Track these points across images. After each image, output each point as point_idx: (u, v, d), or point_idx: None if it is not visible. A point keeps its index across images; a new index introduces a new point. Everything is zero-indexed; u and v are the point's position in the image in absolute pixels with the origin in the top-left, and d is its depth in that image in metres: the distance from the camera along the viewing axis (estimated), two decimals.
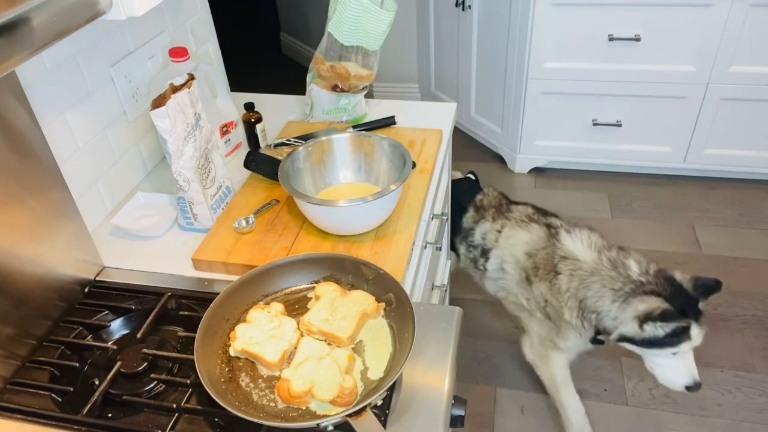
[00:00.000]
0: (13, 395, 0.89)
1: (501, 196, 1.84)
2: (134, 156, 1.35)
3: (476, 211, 1.81)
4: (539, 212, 1.73)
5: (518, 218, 1.70)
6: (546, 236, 1.61)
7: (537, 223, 1.66)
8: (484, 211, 1.79)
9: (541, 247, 1.60)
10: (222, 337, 0.92)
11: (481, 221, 1.78)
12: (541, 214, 1.71)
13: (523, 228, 1.67)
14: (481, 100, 2.95)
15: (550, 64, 2.53)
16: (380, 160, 1.21)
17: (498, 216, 1.75)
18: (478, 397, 1.91)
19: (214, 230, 1.16)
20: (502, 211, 1.76)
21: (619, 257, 1.50)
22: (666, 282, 1.42)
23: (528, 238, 1.64)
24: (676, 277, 1.44)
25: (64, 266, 1.02)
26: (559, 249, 1.55)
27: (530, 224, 1.67)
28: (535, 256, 1.60)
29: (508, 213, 1.74)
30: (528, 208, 1.75)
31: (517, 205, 1.78)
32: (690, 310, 1.38)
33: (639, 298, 1.40)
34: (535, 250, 1.61)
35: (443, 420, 0.83)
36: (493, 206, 1.79)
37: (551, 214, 1.74)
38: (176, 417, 0.84)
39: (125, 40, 1.27)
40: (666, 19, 2.33)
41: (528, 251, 1.62)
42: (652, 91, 2.51)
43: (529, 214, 1.71)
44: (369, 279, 0.98)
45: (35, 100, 1.04)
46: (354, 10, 1.33)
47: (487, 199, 1.83)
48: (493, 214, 1.76)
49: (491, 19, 2.64)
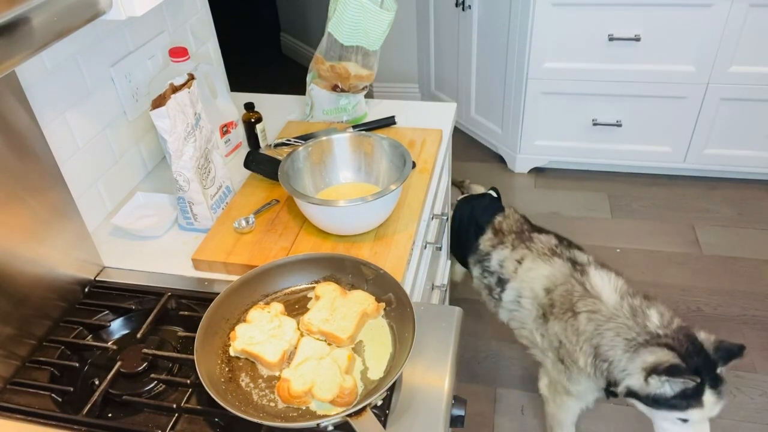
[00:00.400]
0: (13, 395, 0.89)
1: (523, 221, 1.72)
2: (134, 156, 1.35)
3: (495, 235, 1.70)
4: (563, 244, 1.61)
5: (540, 250, 1.59)
6: (568, 272, 1.49)
7: (560, 258, 1.54)
8: (503, 236, 1.67)
9: (560, 283, 1.49)
10: (222, 337, 0.92)
11: (499, 247, 1.66)
12: (564, 247, 1.60)
13: (545, 261, 1.56)
14: (481, 100, 2.95)
15: (550, 64, 2.53)
16: (380, 160, 1.21)
17: (519, 244, 1.63)
18: (478, 397, 1.91)
19: (214, 230, 1.16)
20: (523, 239, 1.64)
21: (642, 306, 1.38)
22: (685, 339, 1.28)
23: (549, 273, 1.53)
24: (698, 336, 1.30)
25: (64, 266, 1.02)
26: (586, 284, 1.44)
27: (553, 258, 1.55)
28: (553, 292, 1.50)
29: (530, 242, 1.62)
30: (552, 239, 1.63)
31: (540, 233, 1.66)
32: (706, 373, 1.23)
33: (650, 349, 1.29)
34: (554, 285, 1.50)
35: (443, 420, 0.83)
36: (513, 232, 1.67)
37: (575, 246, 1.62)
38: (176, 417, 0.84)
39: (125, 40, 1.27)
40: (666, 19, 2.33)
41: (547, 287, 1.51)
42: (652, 91, 2.51)
43: (552, 246, 1.59)
44: (369, 279, 0.98)
45: (35, 100, 1.04)
46: (354, 10, 1.33)
47: (508, 222, 1.71)
48: (513, 241, 1.65)
49: (491, 19, 2.64)
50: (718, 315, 2.12)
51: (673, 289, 2.23)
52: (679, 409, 1.24)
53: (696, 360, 1.24)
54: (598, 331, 1.37)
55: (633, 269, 2.32)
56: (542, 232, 1.67)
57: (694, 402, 1.23)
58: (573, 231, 2.50)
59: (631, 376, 1.29)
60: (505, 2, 2.50)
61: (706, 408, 1.24)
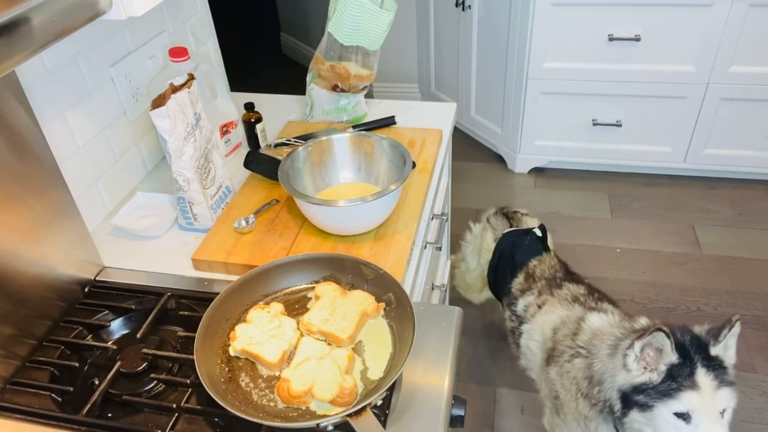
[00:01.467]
0: (13, 395, 0.89)
1: (558, 267, 1.63)
2: (134, 156, 1.35)
3: (526, 279, 1.62)
4: (592, 295, 1.50)
5: (564, 296, 1.50)
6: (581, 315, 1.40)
7: (582, 306, 1.45)
8: (534, 281, 1.59)
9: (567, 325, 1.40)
10: (222, 337, 0.92)
11: (527, 292, 1.58)
12: (592, 297, 1.49)
13: (563, 306, 1.47)
14: (481, 100, 2.95)
15: (550, 64, 2.53)
16: (380, 160, 1.21)
17: (545, 290, 1.55)
18: (478, 397, 1.91)
19: (214, 230, 1.16)
20: (552, 285, 1.55)
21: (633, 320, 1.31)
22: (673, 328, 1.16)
23: (563, 316, 1.44)
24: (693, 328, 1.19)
25: (64, 266, 1.02)
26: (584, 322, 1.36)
27: (573, 304, 1.46)
28: (558, 333, 1.41)
29: (557, 290, 1.53)
30: (581, 288, 1.53)
31: (572, 282, 1.55)
32: (696, 352, 1.12)
33: (629, 338, 1.20)
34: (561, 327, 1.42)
35: (443, 420, 0.83)
36: (545, 278, 1.59)
37: (607, 298, 1.51)
38: (176, 417, 0.84)
39: (125, 40, 1.27)
40: (666, 19, 2.33)
41: (555, 328, 1.43)
42: (652, 91, 2.51)
43: (578, 294, 1.50)
44: (369, 279, 0.98)
45: (35, 100, 1.04)
46: (354, 10, 1.33)
47: (541, 267, 1.63)
48: (542, 287, 1.56)
49: (491, 19, 2.64)
50: (718, 315, 2.12)
51: (673, 289, 2.23)
52: (672, 396, 1.10)
53: (681, 337, 1.14)
54: (591, 359, 1.28)
55: (633, 269, 2.33)
56: (575, 281, 1.57)
57: (685, 382, 1.10)
58: (573, 231, 2.50)
59: (615, 374, 1.18)
60: (505, 2, 2.50)
61: (704, 391, 1.09)
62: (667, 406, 1.11)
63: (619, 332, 1.27)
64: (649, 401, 1.13)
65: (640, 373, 1.14)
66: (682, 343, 1.13)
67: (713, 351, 1.13)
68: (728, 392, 1.11)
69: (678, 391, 1.10)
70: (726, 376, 1.12)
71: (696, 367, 1.11)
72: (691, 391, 1.10)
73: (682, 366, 1.11)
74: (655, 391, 1.12)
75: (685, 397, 1.10)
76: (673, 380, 1.11)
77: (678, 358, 1.11)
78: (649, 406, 1.14)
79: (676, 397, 1.10)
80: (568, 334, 1.38)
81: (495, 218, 1.87)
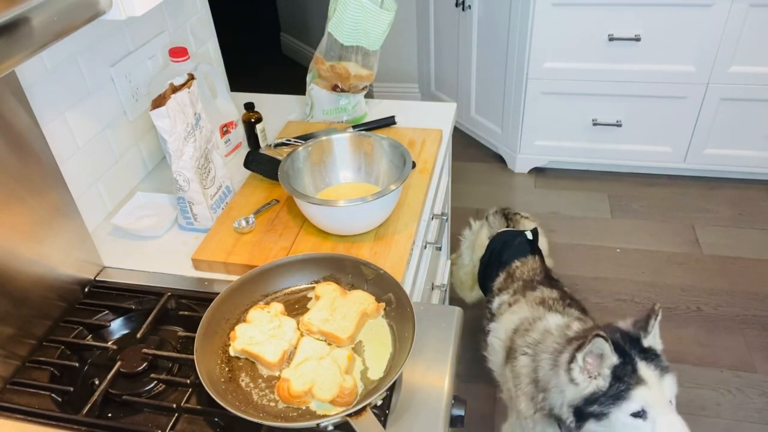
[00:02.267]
0: (13, 395, 0.89)
1: (539, 272, 1.62)
2: (134, 156, 1.35)
3: (505, 279, 1.63)
4: (563, 299, 1.48)
5: (534, 298, 1.49)
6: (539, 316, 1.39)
7: (548, 309, 1.43)
8: (512, 282, 1.60)
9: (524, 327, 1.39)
10: (222, 336, 0.92)
11: (504, 291, 1.59)
12: (561, 302, 1.47)
13: (530, 307, 1.45)
14: (481, 100, 2.95)
15: (550, 64, 2.53)
16: (380, 160, 1.21)
17: (520, 291, 1.54)
18: (479, 397, 1.91)
19: (214, 230, 1.16)
20: (527, 287, 1.54)
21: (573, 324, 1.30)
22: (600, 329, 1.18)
23: (526, 316, 1.42)
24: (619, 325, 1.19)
25: (64, 266, 1.02)
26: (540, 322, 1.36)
27: (539, 306, 1.44)
28: (517, 332, 1.40)
29: (531, 291, 1.52)
30: (554, 293, 1.51)
31: (548, 287, 1.54)
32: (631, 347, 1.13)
33: (567, 351, 1.19)
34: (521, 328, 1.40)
35: (443, 420, 0.83)
36: (522, 279, 1.59)
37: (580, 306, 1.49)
38: (176, 417, 0.84)
39: (125, 40, 1.28)
40: (666, 19, 2.33)
41: (515, 327, 1.41)
42: (652, 91, 2.51)
43: (548, 298, 1.48)
44: (369, 279, 0.98)
45: (35, 100, 1.04)
46: (354, 10, 1.33)
47: (522, 269, 1.63)
48: (517, 287, 1.56)
49: (491, 19, 2.64)
50: (718, 315, 2.12)
51: (673, 289, 2.23)
52: (623, 398, 1.10)
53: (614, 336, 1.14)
54: (536, 362, 1.27)
55: (633, 269, 2.33)
56: (551, 286, 1.56)
57: (631, 380, 1.09)
58: (573, 231, 2.50)
59: (563, 390, 1.17)
60: (505, 2, 2.50)
61: (650, 384, 1.10)
62: (621, 410, 1.11)
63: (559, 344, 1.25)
64: (604, 409, 1.12)
65: (587, 384, 1.13)
66: (617, 342, 1.13)
67: (645, 343, 1.14)
68: (671, 379, 1.12)
69: (627, 390, 1.09)
70: (663, 363, 1.13)
71: (636, 363, 1.11)
72: (640, 387, 1.09)
73: (623, 365, 1.11)
74: (607, 397, 1.11)
75: (637, 395, 1.09)
76: (620, 381, 1.10)
77: (618, 359, 1.11)
78: (604, 414, 1.12)
79: (628, 398, 1.09)
80: (522, 333, 1.38)
81: (494, 217, 1.88)
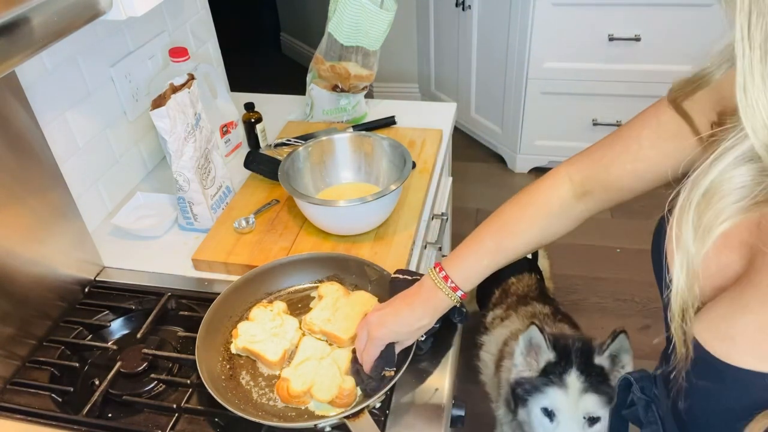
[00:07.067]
0: (13, 395, 0.89)
1: (534, 288, 1.62)
2: (134, 156, 1.35)
3: (500, 294, 1.65)
4: (555, 315, 1.48)
5: (526, 312, 1.49)
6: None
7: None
8: (507, 297, 1.61)
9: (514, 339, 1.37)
10: (224, 334, 0.92)
11: (498, 306, 1.60)
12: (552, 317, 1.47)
13: (520, 321, 1.46)
14: (481, 100, 2.95)
15: (550, 64, 2.53)
16: (380, 160, 1.21)
17: (513, 306, 1.54)
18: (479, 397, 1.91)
19: (214, 230, 1.16)
20: (520, 302, 1.54)
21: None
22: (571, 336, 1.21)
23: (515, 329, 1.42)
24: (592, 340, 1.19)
25: (64, 266, 1.02)
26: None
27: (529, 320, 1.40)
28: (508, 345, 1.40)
29: (524, 306, 1.52)
30: (546, 308, 1.51)
31: (540, 303, 1.54)
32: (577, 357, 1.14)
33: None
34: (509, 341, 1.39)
35: (443, 420, 0.82)
36: (517, 295, 1.59)
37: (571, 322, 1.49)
38: (176, 417, 0.84)
39: (125, 40, 1.27)
40: (666, 19, 2.33)
41: (506, 340, 1.42)
42: (652, 91, 2.50)
43: (539, 312, 1.49)
44: (372, 280, 0.98)
45: (35, 100, 1.04)
46: (354, 11, 1.33)
47: (517, 286, 1.63)
48: (511, 302, 1.56)
49: (491, 19, 2.64)
50: None
51: None
52: (540, 390, 1.13)
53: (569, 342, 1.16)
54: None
55: (633, 269, 2.32)
56: (544, 303, 1.55)
57: (555, 379, 1.12)
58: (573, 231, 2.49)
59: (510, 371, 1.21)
60: (505, 2, 2.50)
61: (570, 391, 1.11)
62: (536, 401, 1.14)
63: None
64: (524, 395, 1.17)
65: (524, 368, 1.18)
66: (566, 346, 1.15)
67: (597, 360, 1.14)
68: (596, 399, 1.11)
69: (546, 386, 1.13)
70: (603, 386, 1.12)
71: (570, 369, 1.13)
72: (557, 389, 1.12)
73: (557, 364, 1.14)
74: (530, 385, 1.15)
75: (551, 394, 1.12)
76: (546, 376, 1.13)
77: (555, 357, 1.14)
78: (524, 399, 1.17)
79: (543, 392, 1.13)
80: (509, 343, 1.39)
81: None
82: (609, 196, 0.75)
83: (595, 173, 0.74)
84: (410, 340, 0.83)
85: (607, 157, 0.73)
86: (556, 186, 0.77)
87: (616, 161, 0.72)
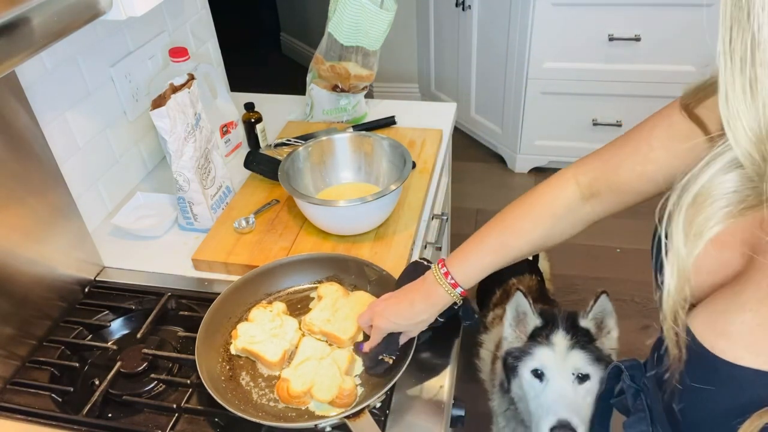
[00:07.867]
0: (13, 395, 0.89)
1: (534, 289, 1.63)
2: (134, 156, 1.35)
3: (501, 295, 1.65)
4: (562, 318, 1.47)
5: None
6: None
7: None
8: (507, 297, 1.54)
9: None
10: (224, 334, 0.92)
11: (498, 306, 1.59)
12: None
13: None
14: (481, 100, 2.95)
15: (550, 64, 2.53)
16: (380, 160, 1.21)
17: None
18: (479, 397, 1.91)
19: (214, 230, 1.16)
20: None
21: None
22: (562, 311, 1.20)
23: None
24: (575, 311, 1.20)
25: (64, 266, 1.02)
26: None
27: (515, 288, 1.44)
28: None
29: None
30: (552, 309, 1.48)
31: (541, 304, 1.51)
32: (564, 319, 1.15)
33: None
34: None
35: (443, 420, 0.83)
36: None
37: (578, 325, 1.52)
38: (176, 417, 0.84)
39: (125, 40, 1.27)
40: (666, 19, 2.33)
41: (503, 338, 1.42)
42: (652, 91, 2.51)
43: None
44: (371, 280, 0.98)
45: (35, 100, 1.04)
46: (354, 11, 1.33)
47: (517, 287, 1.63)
48: None
49: (491, 19, 2.64)
50: None
51: None
52: (528, 353, 1.13)
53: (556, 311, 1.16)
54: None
55: (633, 269, 2.32)
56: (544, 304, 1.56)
57: (542, 341, 1.13)
58: None
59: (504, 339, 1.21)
60: (505, 2, 2.50)
61: (557, 349, 1.11)
62: (525, 365, 1.14)
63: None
64: (514, 362, 1.16)
65: (513, 340, 1.19)
66: (553, 314, 1.16)
67: (582, 323, 1.15)
68: (583, 356, 1.10)
69: (533, 347, 1.13)
70: (590, 345, 1.12)
71: (556, 330, 1.13)
72: (544, 348, 1.12)
73: (543, 328, 1.15)
74: (519, 351, 1.16)
75: (539, 353, 1.12)
76: (534, 340, 1.14)
77: (541, 322, 1.15)
78: (513, 368, 1.16)
79: (531, 353, 1.13)
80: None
81: None
82: (617, 198, 0.74)
83: (604, 175, 0.74)
84: (413, 332, 0.83)
85: (616, 159, 0.72)
86: (563, 187, 0.77)
87: (625, 163, 0.71)
